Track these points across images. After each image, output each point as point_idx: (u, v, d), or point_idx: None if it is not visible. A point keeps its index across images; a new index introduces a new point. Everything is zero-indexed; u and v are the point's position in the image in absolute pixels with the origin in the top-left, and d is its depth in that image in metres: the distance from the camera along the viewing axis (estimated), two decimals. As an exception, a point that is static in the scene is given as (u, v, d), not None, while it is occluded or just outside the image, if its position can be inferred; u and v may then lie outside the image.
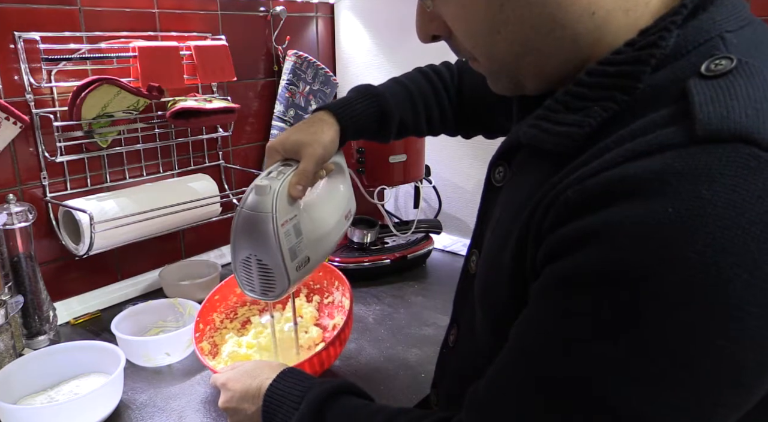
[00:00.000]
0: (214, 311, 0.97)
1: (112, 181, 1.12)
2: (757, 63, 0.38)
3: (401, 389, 0.85)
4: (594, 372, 0.37)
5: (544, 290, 0.41)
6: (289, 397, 0.62)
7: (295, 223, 0.66)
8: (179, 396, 0.85)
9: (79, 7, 1.02)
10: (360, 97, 0.76)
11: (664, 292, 0.34)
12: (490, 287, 0.51)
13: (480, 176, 1.34)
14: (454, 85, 0.84)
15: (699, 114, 0.36)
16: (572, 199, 0.39)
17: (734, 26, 0.41)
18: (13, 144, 0.96)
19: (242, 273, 0.68)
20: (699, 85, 0.37)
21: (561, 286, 0.39)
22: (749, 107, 0.35)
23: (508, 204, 0.51)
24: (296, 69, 1.35)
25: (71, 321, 1.06)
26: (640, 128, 0.39)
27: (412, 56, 1.39)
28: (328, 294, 1.00)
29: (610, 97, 0.42)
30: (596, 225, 0.37)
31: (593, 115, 0.42)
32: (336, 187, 0.79)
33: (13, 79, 0.96)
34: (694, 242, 0.33)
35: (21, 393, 0.81)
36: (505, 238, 0.48)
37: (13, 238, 0.92)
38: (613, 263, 0.36)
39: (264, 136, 1.40)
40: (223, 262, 1.29)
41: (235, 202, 1.28)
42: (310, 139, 0.70)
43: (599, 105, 0.42)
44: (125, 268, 1.16)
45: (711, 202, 0.33)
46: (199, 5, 1.20)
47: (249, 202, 0.64)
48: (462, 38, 0.50)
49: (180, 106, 1.10)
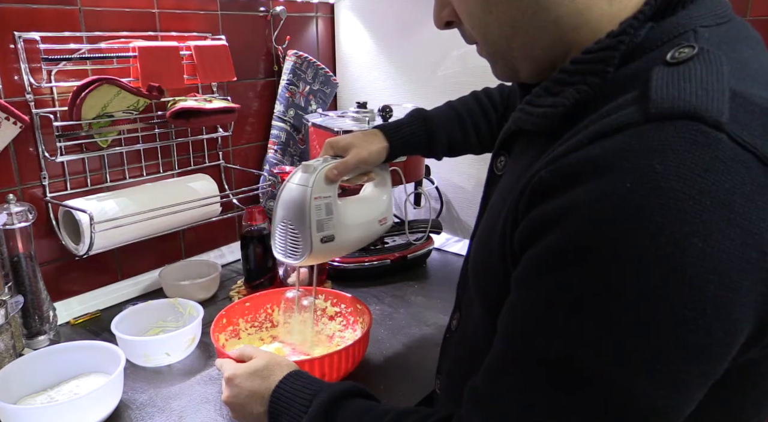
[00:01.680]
0: (241, 316, 0.97)
1: (112, 181, 1.12)
2: (720, 53, 0.40)
3: (401, 389, 0.85)
4: (574, 348, 0.38)
5: (521, 276, 0.43)
6: (297, 400, 0.63)
7: (327, 202, 0.78)
8: (179, 396, 0.85)
9: (79, 7, 1.02)
10: (411, 121, 0.88)
11: (628, 265, 0.36)
12: (480, 270, 0.54)
13: (480, 176, 1.34)
14: (502, 104, 0.91)
15: (654, 95, 0.38)
16: (543, 180, 0.42)
17: (710, 22, 0.43)
18: (13, 144, 0.96)
19: (277, 237, 0.80)
20: (661, 72, 0.40)
21: (535, 270, 0.42)
22: (699, 88, 0.38)
23: (501, 189, 0.54)
24: (296, 69, 1.36)
25: (71, 321, 1.06)
26: (606, 111, 0.41)
27: (412, 56, 1.39)
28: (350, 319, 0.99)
29: (583, 81, 0.45)
30: (562, 206, 0.39)
31: (567, 96, 0.45)
32: (375, 193, 0.90)
33: (13, 79, 0.96)
34: (651, 214, 0.35)
35: (21, 393, 0.81)
36: (495, 222, 0.50)
37: (13, 238, 0.92)
38: (578, 241, 0.38)
39: (264, 136, 1.40)
40: (223, 262, 1.30)
41: (236, 202, 1.28)
42: (359, 143, 0.82)
43: (574, 88, 0.45)
44: (125, 268, 1.16)
45: (664, 176, 0.35)
46: (199, 5, 1.20)
47: (294, 176, 0.79)
48: (464, 20, 0.53)
49: (180, 106, 1.10)
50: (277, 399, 0.65)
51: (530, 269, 0.42)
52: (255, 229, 1.11)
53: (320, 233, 0.77)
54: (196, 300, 1.01)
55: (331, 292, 1.00)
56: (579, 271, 0.38)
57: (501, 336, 0.45)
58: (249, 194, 1.31)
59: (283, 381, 0.66)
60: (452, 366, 0.65)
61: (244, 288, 1.16)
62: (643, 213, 0.35)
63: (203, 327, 0.97)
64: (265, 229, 1.12)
